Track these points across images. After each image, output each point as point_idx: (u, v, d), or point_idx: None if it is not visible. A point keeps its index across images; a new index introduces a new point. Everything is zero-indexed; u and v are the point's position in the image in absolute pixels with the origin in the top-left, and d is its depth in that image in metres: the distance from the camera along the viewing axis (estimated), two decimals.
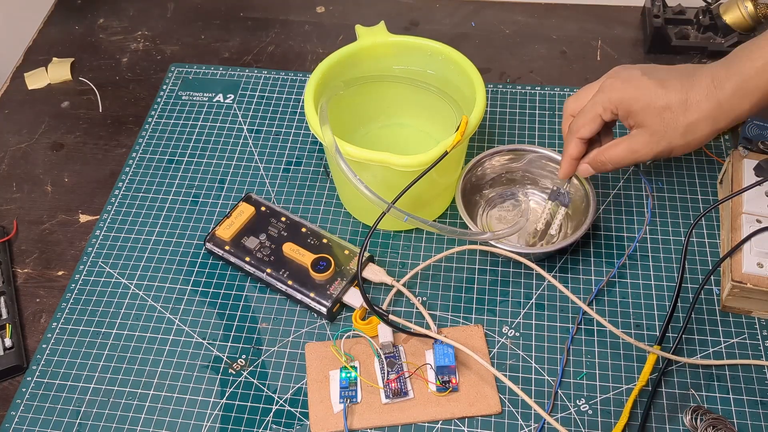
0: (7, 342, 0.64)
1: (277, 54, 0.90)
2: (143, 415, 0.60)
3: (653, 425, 0.58)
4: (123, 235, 0.72)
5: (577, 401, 0.59)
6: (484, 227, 0.70)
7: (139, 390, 0.61)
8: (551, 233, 0.68)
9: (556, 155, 0.69)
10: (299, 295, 0.65)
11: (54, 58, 0.90)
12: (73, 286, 0.68)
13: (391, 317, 0.63)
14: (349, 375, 0.60)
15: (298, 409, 0.60)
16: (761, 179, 0.63)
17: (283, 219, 0.70)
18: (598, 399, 0.59)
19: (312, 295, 0.64)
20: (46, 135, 0.82)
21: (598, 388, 0.60)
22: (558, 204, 0.67)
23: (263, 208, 0.71)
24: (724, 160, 0.73)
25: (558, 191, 0.67)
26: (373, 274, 0.65)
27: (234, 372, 0.62)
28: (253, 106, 0.83)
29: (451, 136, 0.61)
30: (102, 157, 0.80)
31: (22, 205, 0.76)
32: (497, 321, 0.64)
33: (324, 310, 0.64)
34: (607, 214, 0.71)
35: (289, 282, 0.65)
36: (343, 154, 0.60)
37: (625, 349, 0.62)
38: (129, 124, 0.83)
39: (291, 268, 0.66)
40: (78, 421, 0.60)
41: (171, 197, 0.75)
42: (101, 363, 0.63)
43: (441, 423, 0.59)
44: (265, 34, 0.92)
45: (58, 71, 0.88)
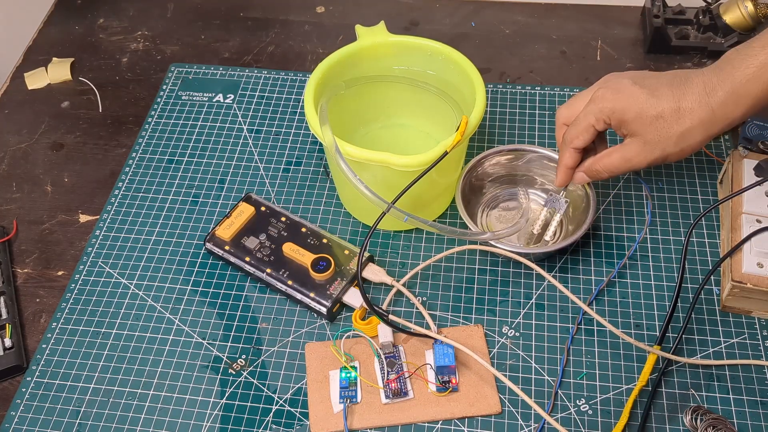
0: (7, 342, 0.64)
1: (277, 54, 0.89)
2: (143, 415, 0.60)
3: (653, 425, 0.58)
4: (123, 235, 0.72)
5: (577, 401, 0.59)
6: (484, 227, 0.70)
7: (139, 390, 0.61)
8: (546, 239, 0.68)
9: (556, 155, 0.69)
10: (299, 295, 0.65)
11: (54, 58, 0.90)
12: (73, 286, 0.68)
13: (391, 317, 0.63)
14: (349, 375, 0.60)
15: (298, 409, 0.60)
16: (761, 179, 0.63)
17: (283, 219, 0.70)
18: (598, 399, 0.59)
19: (312, 295, 0.64)
20: (46, 135, 0.82)
21: (598, 388, 0.60)
22: (554, 210, 0.68)
23: (263, 208, 0.70)
24: (724, 160, 0.73)
25: (554, 198, 0.67)
26: (373, 274, 0.65)
27: (234, 372, 0.62)
28: (253, 106, 0.83)
29: (451, 136, 0.61)
30: (102, 157, 0.80)
31: (22, 205, 0.76)
32: (497, 321, 0.64)
33: (324, 310, 0.64)
34: (607, 214, 0.71)
35: (289, 282, 0.65)
36: (343, 154, 0.60)
37: (625, 349, 0.62)
38: (129, 124, 0.83)
39: (291, 268, 0.66)
40: (78, 421, 0.60)
41: (171, 197, 0.75)
42: (101, 363, 0.63)
43: (441, 423, 0.59)
44: (265, 34, 0.92)
45: (58, 71, 0.88)
